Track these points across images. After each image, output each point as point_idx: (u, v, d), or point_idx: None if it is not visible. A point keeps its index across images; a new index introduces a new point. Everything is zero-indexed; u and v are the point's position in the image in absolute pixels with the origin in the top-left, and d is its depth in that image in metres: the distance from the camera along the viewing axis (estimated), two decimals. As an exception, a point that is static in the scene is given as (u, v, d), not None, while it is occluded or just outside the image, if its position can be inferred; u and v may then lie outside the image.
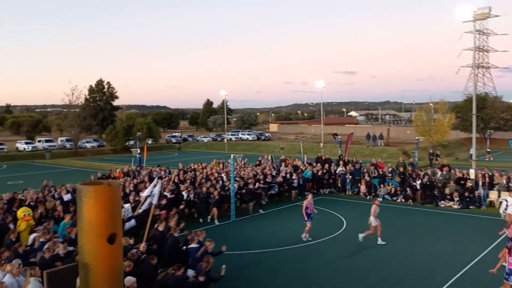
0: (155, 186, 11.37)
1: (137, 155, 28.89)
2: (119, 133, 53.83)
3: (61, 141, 59.01)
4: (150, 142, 58.13)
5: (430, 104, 56.95)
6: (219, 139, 67.05)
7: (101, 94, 70.25)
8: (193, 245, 10.59)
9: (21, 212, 13.17)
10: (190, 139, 69.04)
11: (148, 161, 31.21)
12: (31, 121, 74.47)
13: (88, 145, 57.16)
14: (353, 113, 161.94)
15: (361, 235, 14.54)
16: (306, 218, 15.11)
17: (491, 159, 41.28)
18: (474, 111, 24.63)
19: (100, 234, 2.30)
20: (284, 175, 23.21)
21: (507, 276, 9.55)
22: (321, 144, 42.99)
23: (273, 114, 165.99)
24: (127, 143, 54.31)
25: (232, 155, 22.19)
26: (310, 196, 15.73)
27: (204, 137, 69.36)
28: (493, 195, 20.83)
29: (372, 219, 14.60)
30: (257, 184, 20.82)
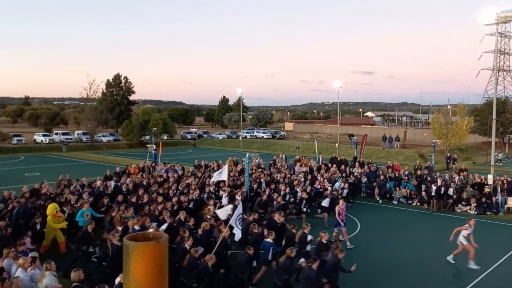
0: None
1: (153, 151, 29.05)
2: (135, 128, 54.23)
3: (78, 134, 59.79)
4: (165, 137, 58.44)
5: (449, 106, 56.10)
6: (234, 136, 67.11)
7: (118, 88, 70.87)
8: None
9: (52, 209, 13.34)
10: (205, 135, 69.29)
11: (163, 156, 31.37)
12: (49, 113, 75.71)
13: (104, 139, 57.62)
14: (369, 114, 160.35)
15: (449, 257, 13.33)
16: (341, 224, 14.71)
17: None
18: (494, 115, 24.15)
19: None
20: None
21: None
22: (337, 144, 42.69)
23: (288, 113, 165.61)
24: (142, 138, 54.65)
25: (247, 154, 22.18)
26: (341, 202, 15.33)
27: (219, 134, 69.54)
28: (511, 201, 20.37)
29: (461, 238, 13.13)
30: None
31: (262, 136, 66.78)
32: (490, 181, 21.58)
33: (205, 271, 9.87)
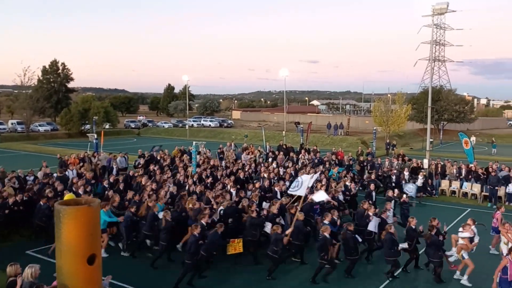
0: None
1: (94, 140, 27.87)
2: (74, 116, 51.82)
3: (12, 124, 56.40)
4: (107, 126, 56.44)
5: (389, 95, 58.61)
6: (180, 125, 66.04)
7: (56, 75, 67.19)
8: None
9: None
10: (150, 124, 67.56)
11: (105, 146, 30.24)
12: (-21, 102, 70.29)
13: (41, 129, 54.83)
14: (315, 102, 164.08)
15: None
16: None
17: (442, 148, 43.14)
18: (429, 103, 25.45)
19: (79, 255, 2.22)
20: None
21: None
22: (284, 132, 43.23)
23: (236, 101, 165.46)
24: (82, 128, 52.57)
25: (194, 142, 21.85)
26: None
27: (164, 122, 68.06)
28: (444, 184, 21.70)
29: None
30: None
31: (210, 125, 66.26)
32: (425, 165, 22.81)
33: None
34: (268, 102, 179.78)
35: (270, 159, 24.35)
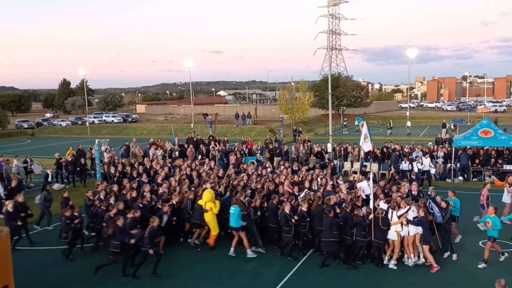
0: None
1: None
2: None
3: None
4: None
5: (292, 83, 60.76)
6: (79, 122, 61.73)
7: None
8: None
9: (212, 194, 12.57)
10: (45, 123, 62.01)
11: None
12: None
13: None
14: (221, 93, 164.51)
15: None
16: None
17: (346, 132, 46.06)
18: (329, 90, 26.80)
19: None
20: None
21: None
22: (192, 124, 42.62)
23: (139, 95, 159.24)
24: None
25: (96, 140, 20.47)
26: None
27: (62, 120, 63.00)
28: (347, 165, 23.10)
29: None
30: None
31: (112, 121, 62.82)
32: (329, 149, 24.04)
33: None
34: (174, 94, 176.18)
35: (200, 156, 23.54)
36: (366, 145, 17.17)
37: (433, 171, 20.57)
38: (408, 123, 45.38)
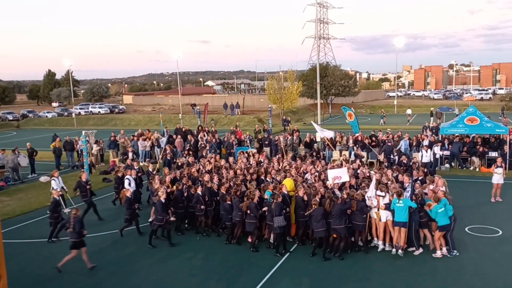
0: None
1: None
2: None
3: None
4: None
5: (280, 73, 60.57)
6: (66, 113, 60.86)
7: None
8: None
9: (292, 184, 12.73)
10: (30, 115, 61.02)
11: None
12: None
13: None
14: (210, 83, 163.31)
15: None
16: None
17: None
18: (318, 80, 26.87)
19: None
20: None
21: None
22: (180, 115, 42.37)
23: (126, 85, 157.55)
24: None
25: (83, 132, 20.25)
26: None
27: (47, 112, 62.01)
28: (335, 154, 23.22)
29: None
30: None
31: (99, 112, 62.11)
32: (318, 139, 24.13)
33: None
34: (161, 84, 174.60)
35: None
36: (325, 133, 19.64)
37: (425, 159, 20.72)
38: (409, 111, 44.96)
